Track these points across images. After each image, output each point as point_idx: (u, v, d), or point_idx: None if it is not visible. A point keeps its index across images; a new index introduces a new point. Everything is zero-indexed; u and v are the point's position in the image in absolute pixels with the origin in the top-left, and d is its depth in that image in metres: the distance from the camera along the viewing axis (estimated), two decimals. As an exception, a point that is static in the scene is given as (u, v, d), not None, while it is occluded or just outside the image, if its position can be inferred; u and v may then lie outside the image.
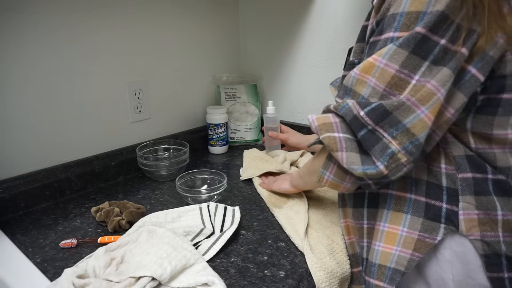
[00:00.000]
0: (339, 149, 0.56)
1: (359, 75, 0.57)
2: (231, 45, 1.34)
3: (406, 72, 0.53)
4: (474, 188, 0.57)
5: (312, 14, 1.13)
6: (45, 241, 0.75)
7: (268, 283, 0.63)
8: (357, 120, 0.55)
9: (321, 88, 1.18)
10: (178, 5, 1.12)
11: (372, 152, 0.55)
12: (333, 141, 0.57)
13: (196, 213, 0.79)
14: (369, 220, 0.66)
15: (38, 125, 0.88)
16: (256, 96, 1.28)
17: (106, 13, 0.95)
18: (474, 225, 0.56)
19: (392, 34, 0.53)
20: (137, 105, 1.07)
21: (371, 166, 0.54)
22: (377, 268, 0.63)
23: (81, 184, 0.96)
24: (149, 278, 0.58)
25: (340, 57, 1.10)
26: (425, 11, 0.51)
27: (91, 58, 0.95)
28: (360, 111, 0.55)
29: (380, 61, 0.54)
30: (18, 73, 0.83)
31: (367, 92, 0.56)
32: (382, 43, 0.55)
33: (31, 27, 0.83)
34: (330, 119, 0.59)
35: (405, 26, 0.52)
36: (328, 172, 0.63)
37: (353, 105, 0.56)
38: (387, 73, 0.53)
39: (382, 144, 0.54)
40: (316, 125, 0.59)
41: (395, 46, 0.52)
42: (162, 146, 1.10)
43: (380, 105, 0.53)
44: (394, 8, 0.53)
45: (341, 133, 0.57)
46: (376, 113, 0.53)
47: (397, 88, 0.53)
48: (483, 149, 0.58)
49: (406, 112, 0.53)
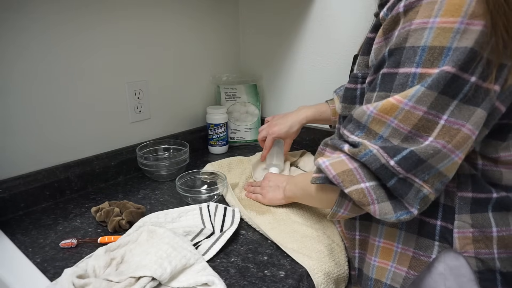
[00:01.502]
0: (371, 203, 0.52)
1: (376, 114, 0.52)
2: (231, 45, 1.34)
3: (434, 113, 0.49)
4: (471, 207, 0.56)
5: (312, 14, 1.13)
6: (45, 241, 0.75)
7: (268, 283, 0.63)
8: (387, 170, 0.51)
9: (321, 88, 1.18)
10: (178, 5, 1.12)
11: (405, 199, 0.52)
12: (362, 195, 0.52)
13: (196, 213, 0.79)
14: (362, 232, 0.66)
15: (38, 125, 0.88)
16: (256, 96, 1.28)
17: (106, 13, 0.95)
18: (468, 243, 0.56)
19: (414, 70, 0.49)
20: (137, 105, 1.07)
21: (404, 212, 0.52)
22: (373, 282, 0.63)
23: (81, 184, 0.96)
24: (149, 278, 0.58)
25: (340, 57, 1.10)
26: (449, 47, 0.47)
27: (91, 58, 0.95)
28: (389, 160, 0.50)
29: (405, 103, 0.49)
30: (18, 73, 0.83)
31: (387, 132, 0.52)
32: (402, 79, 0.50)
33: (30, 27, 0.83)
34: (348, 165, 0.54)
35: (429, 62, 0.48)
36: (342, 209, 0.59)
37: (378, 153, 0.51)
38: (414, 116, 0.49)
39: (414, 189, 0.51)
40: (334, 174, 0.54)
41: (423, 87, 0.48)
42: (162, 146, 1.10)
43: (412, 154, 0.49)
44: (414, 40, 0.49)
45: (366, 183, 0.52)
46: (408, 162, 0.50)
47: (424, 130, 0.50)
48: (489, 166, 0.56)
49: (442, 159, 0.50)
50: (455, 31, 0.46)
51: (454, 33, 0.46)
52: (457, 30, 0.46)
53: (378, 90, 0.54)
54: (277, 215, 0.83)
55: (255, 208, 0.86)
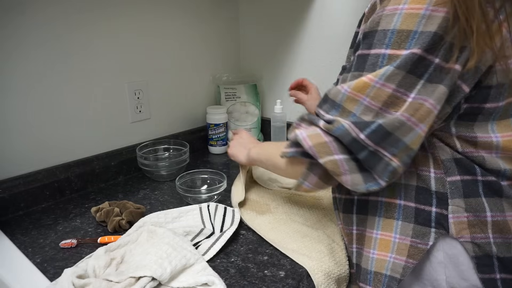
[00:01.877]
0: (343, 173, 0.56)
1: (350, 93, 0.55)
2: (231, 45, 1.34)
3: (402, 90, 0.53)
4: (463, 191, 0.58)
5: (312, 14, 1.13)
6: (45, 241, 0.75)
7: (268, 283, 0.63)
8: (357, 143, 0.54)
9: (321, 88, 1.18)
10: (178, 5, 1.12)
11: (374, 171, 0.55)
12: (335, 165, 0.56)
13: (196, 213, 0.79)
14: (359, 226, 0.66)
15: (38, 125, 0.88)
16: (256, 96, 1.28)
17: (107, 14, 0.95)
18: (464, 228, 0.57)
19: (384, 51, 0.53)
20: (137, 105, 1.07)
21: (373, 183, 0.56)
22: (373, 275, 0.63)
23: (81, 184, 0.96)
24: (149, 278, 0.58)
25: (340, 57, 1.10)
26: (415, 30, 0.51)
27: (91, 58, 0.95)
28: (359, 134, 0.54)
29: (376, 81, 0.53)
30: (18, 73, 0.83)
31: (359, 110, 0.55)
32: (373, 59, 0.55)
33: (31, 28, 0.83)
34: (323, 138, 0.57)
35: (396, 44, 0.52)
36: (307, 182, 0.63)
37: (349, 127, 0.55)
38: (383, 93, 0.53)
39: (383, 162, 0.55)
40: (311, 145, 0.58)
41: (392, 67, 0.52)
42: (162, 146, 1.10)
43: (380, 127, 0.53)
44: (385, 24, 0.53)
45: (340, 155, 0.56)
46: (377, 135, 0.53)
47: (393, 106, 0.53)
48: (470, 152, 0.59)
49: (407, 132, 0.53)
50: (421, 17, 0.51)
51: (420, 18, 0.51)
52: (423, 15, 0.51)
53: (352, 70, 0.58)
54: (277, 215, 0.83)
55: (255, 208, 0.86)
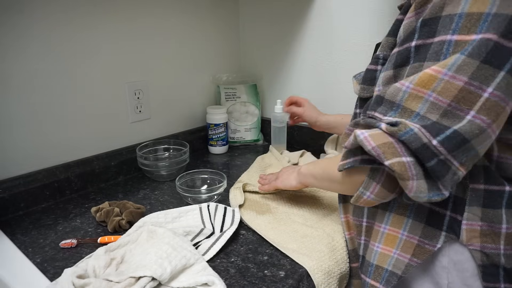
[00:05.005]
0: (410, 178, 0.49)
1: (413, 89, 0.49)
2: (231, 45, 1.34)
3: (477, 84, 0.45)
4: (483, 200, 0.55)
5: (312, 14, 1.13)
6: (45, 241, 0.75)
7: (268, 283, 0.63)
8: (428, 149, 0.47)
9: (321, 88, 1.18)
10: (178, 5, 1.12)
11: (442, 181, 0.50)
12: (403, 168, 0.48)
13: (196, 213, 0.79)
14: (369, 219, 0.66)
15: (38, 125, 0.88)
16: (256, 96, 1.28)
17: (106, 13, 0.95)
18: (475, 236, 0.55)
19: (450, 37, 0.47)
20: (137, 105, 1.07)
21: (436, 193, 0.50)
22: (374, 268, 0.63)
23: (81, 184, 0.96)
24: (149, 278, 0.58)
25: (340, 57, 1.10)
26: (488, 12, 0.44)
27: (91, 58, 0.95)
28: (432, 140, 0.47)
29: (444, 73, 0.46)
30: (19, 73, 0.83)
31: (424, 108, 0.48)
32: (436, 47, 0.48)
33: (31, 27, 0.83)
34: (389, 138, 0.50)
35: (466, 29, 0.45)
36: (369, 192, 0.56)
37: (420, 132, 0.48)
38: (453, 86, 0.46)
39: (451, 172, 0.49)
40: (374, 145, 0.50)
41: (463, 55, 0.45)
42: (162, 146, 1.10)
43: (456, 133, 0.46)
44: (451, 8, 0.47)
45: (408, 157, 0.49)
46: (452, 142, 0.47)
47: (465, 103, 0.46)
48: (505, 158, 0.55)
49: (484, 140, 0.47)
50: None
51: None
52: None
53: (412, 62, 0.51)
54: (277, 215, 0.83)
55: (255, 208, 0.86)
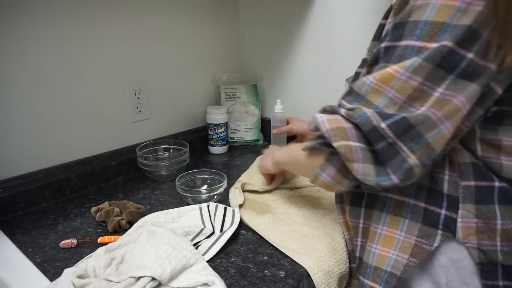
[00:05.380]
0: (355, 160, 0.54)
1: (375, 84, 0.54)
2: (231, 45, 1.34)
3: (429, 84, 0.50)
4: (476, 197, 0.56)
5: (312, 14, 1.13)
6: (45, 241, 0.75)
7: (268, 283, 0.63)
8: (377, 132, 0.52)
9: (321, 88, 1.18)
10: (179, 6, 1.12)
11: (389, 165, 0.53)
12: (349, 151, 0.54)
13: (196, 213, 0.79)
14: (365, 220, 0.66)
15: (38, 125, 0.88)
16: (256, 96, 1.28)
17: (107, 13, 0.95)
18: (472, 233, 0.56)
19: (413, 43, 0.51)
20: (137, 105, 1.07)
21: (385, 178, 0.53)
22: (372, 270, 0.63)
23: (81, 184, 0.96)
24: (149, 278, 0.58)
25: (340, 57, 1.10)
26: (449, 23, 0.48)
27: (91, 58, 0.95)
28: (381, 123, 0.52)
29: (402, 73, 0.51)
30: (18, 73, 0.83)
31: (383, 102, 0.53)
32: (401, 51, 0.52)
33: (31, 27, 0.83)
34: (343, 124, 0.55)
35: (428, 36, 0.50)
36: (325, 174, 0.61)
37: (372, 115, 0.53)
38: (409, 86, 0.51)
39: (400, 157, 0.52)
40: (328, 129, 0.56)
41: (420, 59, 0.50)
42: (162, 146, 1.10)
43: (403, 119, 0.51)
44: (417, 15, 0.51)
45: (356, 142, 0.54)
46: (399, 126, 0.51)
47: (418, 100, 0.51)
48: (489, 158, 0.57)
49: (431, 128, 0.51)
50: (456, 9, 0.48)
51: (456, 10, 0.48)
52: (459, 8, 0.48)
53: (380, 62, 0.56)
54: (277, 215, 0.83)
55: (255, 208, 0.86)
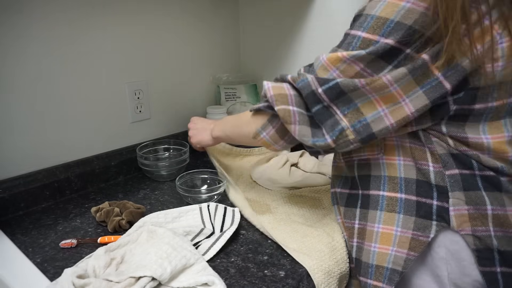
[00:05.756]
0: (293, 122, 0.61)
1: (325, 62, 0.60)
2: (231, 45, 1.34)
3: (369, 71, 0.57)
4: (463, 184, 0.59)
5: (312, 14, 1.13)
6: (45, 241, 0.75)
7: (268, 283, 0.63)
8: (314, 96, 0.60)
9: (321, 88, 1.18)
10: (178, 5, 1.12)
11: (324, 126, 0.60)
12: (287, 114, 0.61)
13: (196, 213, 0.79)
14: (361, 221, 0.66)
15: (38, 125, 0.88)
16: (256, 96, 1.28)
17: (106, 13, 0.95)
18: (465, 221, 0.58)
19: (360, 33, 0.57)
20: (137, 105, 1.07)
21: (321, 139, 0.60)
22: (374, 268, 0.63)
23: (81, 184, 0.96)
24: (149, 278, 0.58)
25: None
26: (392, 19, 0.54)
27: (91, 58, 0.95)
28: (318, 88, 0.59)
29: (347, 58, 0.57)
30: (18, 73, 0.83)
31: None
32: (350, 39, 0.59)
33: (30, 27, 0.83)
34: (286, 91, 0.63)
35: (372, 29, 0.56)
36: (265, 132, 0.69)
37: (312, 81, 0.59)
38: (352, 69, 0.57)
39: (333, 120, 0.59)
40: (272, 94, 0.63)
41: (364, 52, 0.56)
42: (162, 146, 1.10)
43: (337, 85, 0.57)
44: (369, 9, 0.57)
45: (295, 107, 0.62)
46: (332, 91, 0.58)
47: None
48: (465, 151, 0.59)
49: (359, 96, 0.57)
50: (401, 7, 0.53)
51: (400, 8, 0.53)
52: (403, 7, 0.53)
53: (337, 45, 0.62)
54: (277, 215, 0.83)
55: (255, 208, 0.86)
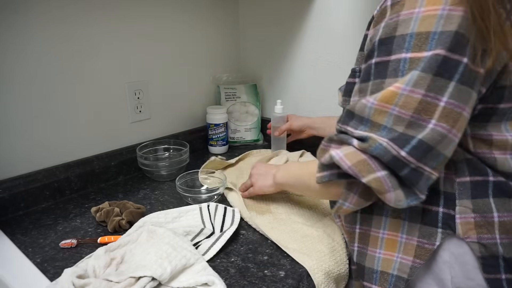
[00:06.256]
0: (387, 190, 0.54)
1: (377, 105, 0.54)
2: (231, 45, 1.34)
3: (432, 95, 0.51)
4: (471, 192, 0.57)
5: (312, 15, 1.13)
6: (45, 241, 0.75)
7: (268, 283, 0.63)
8: (398, 161, 0.52)
9: (321, 88, 1.18)
10: (178, 4, 1.12)
11: (416, 186, 0.54)
12: (379, 184, 0.54)
13: (196, 213, 0.79)
14: (362, 225, 0.66)
15: (38, 125, 0.88)
16: (256, 96, 1.28)
17: (106, 13, 0.95)
18: (471, 228, 0.57)
19: (404, 55, 0.52)
20: (137, 105, 1.07)
21: (414, 197, 0.55)
22: (379, 274, 0.63)
23: (81, 184, 0.96)
24: (149, 278, 0.58)
25: (340, 57, 1.10)
26: (434, 31, 0.50)
27: (91, 58, 0.95)
28: (400, 151, 0.52)
29: (403, 88, 0.52)
30: (18, 73, 0.83)
31: (390, 121, 0.53)
32: (394, 64, 0.54)
33: (29, 26, 0.83)
34: (361, 155, 0.55)
35: (417, 47, 0.51)
36: (347, 202, 0.60)
37: (388, 145, 0.52)
38: (413, 100, 0.51)
39: (424, 177, 0.54)
40: (350, 165, 0.55)
41: (417, 71, 0.51)
42: (162, 146, 1.10)
43: (421, 142, 0.52)
44: (402, 29, 0.53)
45: (382, 171, 0.54)
46: (418, 151, 0.52)
47: (425, 113, 0.52)
48: (482, 153, 0.58)
49: (448, 144, 0.53)
50: (438, 17, 0.50)
51: (438, 18, 0.50)
52: (440, 16, 0.50)
53: (373, 78, 0.56)
54: (278, 215, 0.83)
55: (255, 208, 0.86)
